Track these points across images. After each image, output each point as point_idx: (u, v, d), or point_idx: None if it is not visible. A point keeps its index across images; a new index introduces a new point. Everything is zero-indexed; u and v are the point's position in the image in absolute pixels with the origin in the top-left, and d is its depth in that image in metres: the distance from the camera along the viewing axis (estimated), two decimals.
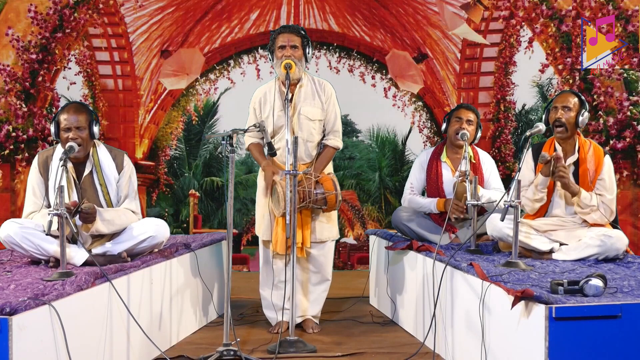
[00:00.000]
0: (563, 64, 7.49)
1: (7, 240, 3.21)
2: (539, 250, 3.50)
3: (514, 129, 8.36)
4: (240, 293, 5.14)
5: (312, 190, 3.72)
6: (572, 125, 3.54)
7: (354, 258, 8.80)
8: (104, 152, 3.43)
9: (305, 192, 3.70)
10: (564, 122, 3.52)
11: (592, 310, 2.42)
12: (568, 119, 3.53)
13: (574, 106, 3.54)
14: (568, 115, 3.53)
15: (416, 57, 8.38)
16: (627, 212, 7.11)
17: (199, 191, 9.71)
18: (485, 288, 2.84)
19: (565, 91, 3.70)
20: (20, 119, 7.33)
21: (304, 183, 3.71)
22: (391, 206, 9.66)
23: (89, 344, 2.74)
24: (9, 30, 7.32)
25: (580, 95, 3.61)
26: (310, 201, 3.72)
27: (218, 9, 8.38)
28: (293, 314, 3.56)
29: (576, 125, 3.54)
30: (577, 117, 3.52)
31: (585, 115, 3.53)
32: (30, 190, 3.40)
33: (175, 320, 3.69)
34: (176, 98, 8.67)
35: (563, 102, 3.55)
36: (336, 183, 3.80)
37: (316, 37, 8.41)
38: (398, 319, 4.20)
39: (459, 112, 4.16)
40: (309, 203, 3.73)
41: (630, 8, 7.06)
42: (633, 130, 7.17)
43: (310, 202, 3.73)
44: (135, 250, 3.40)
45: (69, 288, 2.61)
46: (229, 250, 3.32)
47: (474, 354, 2.95)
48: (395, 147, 10.04)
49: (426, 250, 3.78)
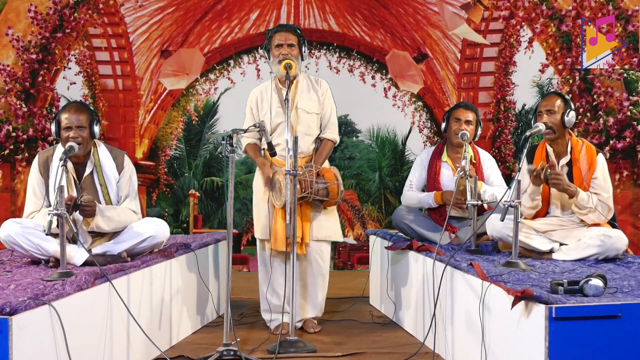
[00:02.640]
0: (563, 64, 7.49)
1: (7, 240, 3.22)
2: (539, 250, 3.50)
3: (514, 129, 8.36)
4: (240, 293, 5.14)
5: (313, 180, 3.71)
6: (558, 127, 3.55)
7: (354, 258, 8.79)
8: (105, 152, 3.44)
9: (307, 182, 3.69)
10: (550, 125, 3.54)
11: (592, 310, 2.42)
12: (553, 122, 3.54)
13: (558, 108, 3.55)
14: (553, 118, 3.55)
15: (416, 57, 8.38)
16: (627, 212, 7.11)
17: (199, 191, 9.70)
18: (485, 288, 2.84)
19: (549, 93, 3.74)
20: (20, 119, 7.33)
21: (305, 174, 3.71)
22: (391, 206, 9.65)
23: (89, 344, 2.74)
24: (9, 30, 7.32)
25: (564, 96, 3.61)
26: (312, 192, 3.71)
27: (218, 9, 8.38)
28: (293, 313, 3.56)
29: (563, 126, 3.55)
30: (562, 118, 3.53)
31: (571, 114, 3.54)
32: (30, 190, 3.40)
33: (175, 320, 3.69)
34: (176, 98, 8.67)
35: (547, 106, 3.58)
36: (337, 174, 3.80)
37: (316, 37, 8.41)
38: (398, 319, 4.20)
39: (458, 113, 4.15)
40: (311, 194, 3.71)
41: (630, 8, 7.06)
42: (633, 130, 7.17)
43: (312, 193, 3.72)
44: (135, 250, 3.40)
45: (69, 288, 2.61)
46: (229, 250, 3.32)
47: (474, 354, 2.95)
48: (395, 147, 10.03)
49: (426, 250, 3.79)
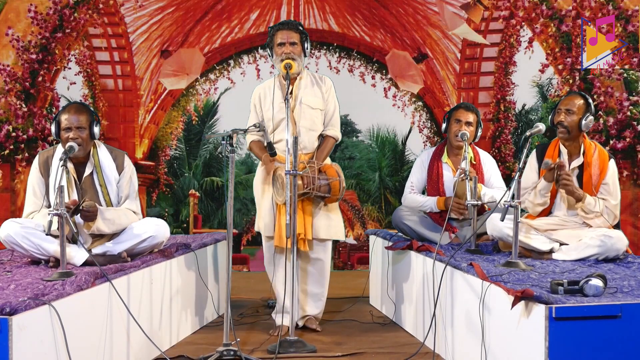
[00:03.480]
0: (563, 64, 7.49)
1: (7, 240, 3.22)
2: (539, 250, 3.50)
3: (514, 129, 8.37)
4: (240, 293, 5.14)
5: (315, 176, 3.71)
6: (574, 128, 3.52)
7: (354, 258, 8.79)
8: (105, 152, 3.44)
9: (309, 178, 3.69)
10: (566, 125, 3.51)
11: (592, 310, 2.42)
12: (570, 123, 3.51)
13: (578, 109, 3.52)
14: (571, 118, 3.52)
15: (416, 57, 8.38)
16: (627, 212, 7.12)
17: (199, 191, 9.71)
18: (485, 288, 2.84)
19: (573, 93, 3.67)
20: (20, 119, 7.33)
21: (307, 170, 3.70)
22: (391, 206, 9.65)
23: (89, 344, 2.74)
24: (9, 30, 7.32)
25: (588, 99, 3.56)
26: (314, 187, 3.71)
27: (218, 9, 8.38)
28: (293, 313, 3.56)
29: (579, 129, 3.53)
30: (580, 121, 3.52)
31: (590, 119, 3.49)
32: (30, 190, 3.40)
33: (175, 320, 3.69)
34: (176, 98, 8.67)
35: (567, 105, 3.54)
36: (339, 170, 3.80)
37: (316, 37, 8.41)
38: (398, 319, 4.20)
39: (459, 114, 4.14)
40: (313, 190, 3.71)
41: (630, 8, 7.06)
42: (633, 130, 7.17)
43: (314, 189, 3.72)
44: (135, 250, 3.40)
45: (69, 288, 2.61)
46: (229, 250, 3.32)
47: (474, 354, 2.95)
48: (395, 147, 10.04)
49: (426, 250, 3.79)
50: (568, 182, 3.44)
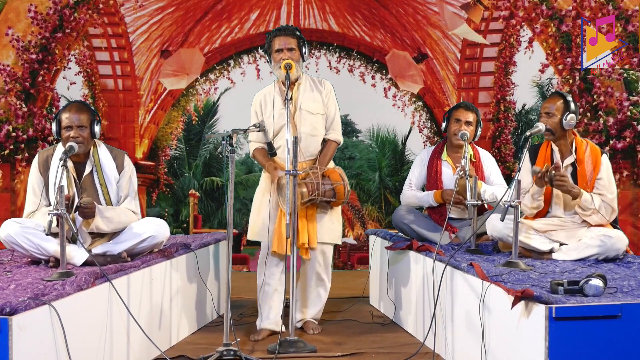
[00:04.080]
0: (563, 64, 7.49)
1: (7, 240, 3.21)
2: (539, 250, 3.50)
3: (514, 129, 8.37)
4: (240, 293, 5.14)
5: (319, 182, 3.71)
6: (557, 129, 3.53)
7: (354, 258, 8.80)
8: (105, 152, 3.44)
9: (313, 185, 3.69)
10: (549, 127, 3.53)
11: (592, 310, 2.41)
12: (552, 124, 3.53)
13: (556, 110, 3.52)
14: (551, 120, 3.53)
15: (416, 57, 8.38)
16: (627, 212, 7.12)
17: (199, 191, 9.71)
18: (485, 288, 2.84)
19: (553, 94, 3.67)
20: (20, 119, 7.34)
21: (311, 177, 3.70)
22: (391, 206, 9.66)
23: (89, 344, 2.74)
24: (9, 30, 7.32)
25: (566, 97, 3.54)
26: (319, 193, 3.71)
27: (218, 9, 8.38)
28: (293, 313, 3.56)
29: (562, 128, 3.53)
30: (561, 121, 3.52)
31: (570, 117, 3.49)
32: (30, 189, 3.40)
33: (175, 320, 3.69)
34: (176, 98, 8.68)
35: (546, 109, 3.56)
36: (343, 174, 3.80)
37: (316, 37, 8.42)
38: (398, 319, 4.20)
39: (458, 113, 4.14)
40: (318, 196, 3.71)
41: (630, 8, 7.06)
42: (633, 130, 7.17)
43: (319, 195, 3.72)
44: (135, 250, 3.40)
45: (69, 288, 2.61)
46: (229, 250, 3.32)
47: (474, 354, 2.95)
48: (395, 147, 10.05)
49: (426, 250, 3.78)
50: (563, 182, 3.44)
